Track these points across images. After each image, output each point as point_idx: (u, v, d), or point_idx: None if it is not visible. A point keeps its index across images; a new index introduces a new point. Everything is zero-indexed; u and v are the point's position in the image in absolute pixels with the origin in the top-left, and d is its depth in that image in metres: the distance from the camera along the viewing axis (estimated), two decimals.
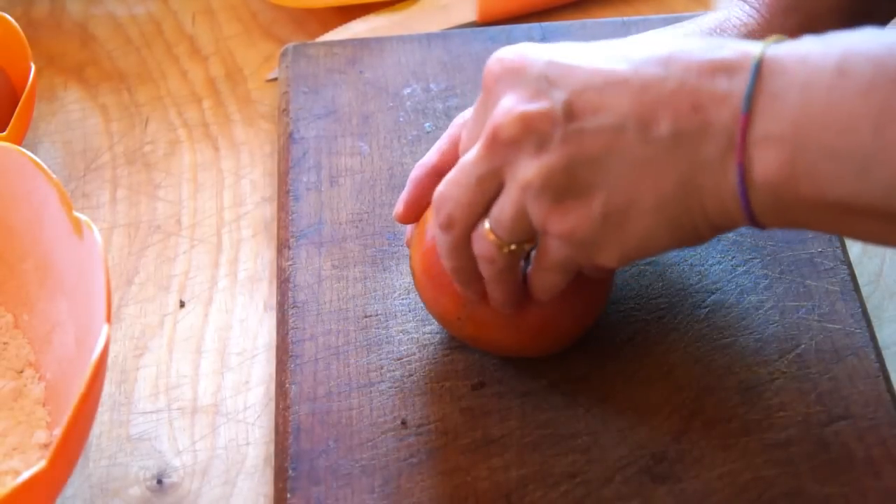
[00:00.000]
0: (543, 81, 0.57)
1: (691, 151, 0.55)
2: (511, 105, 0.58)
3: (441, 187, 0.61)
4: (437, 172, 0.66)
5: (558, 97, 0.57)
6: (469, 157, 0.60)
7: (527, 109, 0.57)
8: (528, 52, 0.59)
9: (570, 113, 0.56)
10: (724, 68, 0.54)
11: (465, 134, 0.62)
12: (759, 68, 0.53)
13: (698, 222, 0.57)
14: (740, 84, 0.53)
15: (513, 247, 0.60)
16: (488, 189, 0.60)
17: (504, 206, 0.59)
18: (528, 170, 0.58)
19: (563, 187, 0.57)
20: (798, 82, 0.52)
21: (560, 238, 0.58)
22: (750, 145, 0.53)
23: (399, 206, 0.68)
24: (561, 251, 0.59)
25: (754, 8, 0.67)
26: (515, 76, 0.58)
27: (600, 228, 0.58)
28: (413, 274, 0.68)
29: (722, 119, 0.54)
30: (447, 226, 0.61)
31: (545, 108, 0.57)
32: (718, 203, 0.55)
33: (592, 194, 0.57)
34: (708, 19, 0.68)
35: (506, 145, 0.58)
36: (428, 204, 0.67)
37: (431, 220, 0.64)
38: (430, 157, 0.67)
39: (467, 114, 0.67)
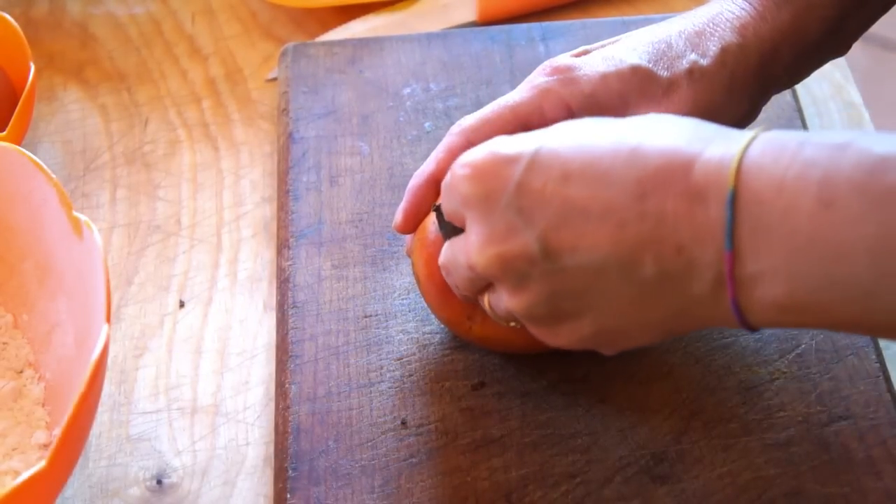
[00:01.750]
0: (515, 214, 0.56)
1: (680, 289, 0.55)
2: (484, 241, 0.57)
3: (444, 259, 0.62)
4: (435, 181, 0.66)
5: (532, 235, 0.56)
6: (459, 264, 0.60)
7: (503, 251, 0.57)
8: (495, 167, 0.57)
9: (547, 252, 0.56)
10: (699, 197, 0.53)
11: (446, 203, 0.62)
12: (734, 200, 0.52)
13: (692, 329, 0.59)
14: (718, 217, 0.52)
15: (512, 324, 0.62)
16: (483, 287, 0.61)
17: (497, 306, 0.61)
18: (511, 301, 0.59)
19: (548, 315, 0.58)
20: (778, 213, 0.51)
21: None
22: (741, 282, 0.53)
23: (398, 216, 0.68)
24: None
25: (747, 1, 0.67)
26: (485, 204, 0.57)
27: (591, 340, 0.59)
28: (417, 279, 0.68)
29: (706, 257, 0.53)
30: (454, 287, 0.63)
31: (521, 247, 0.56)
32: (714, 322, 0.56)
33: (580, 318, 0.58)
34: (700, 14, 0.68)
35: (485, 278, 0.59)
36: (427, 212, 0.67)
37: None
38: (428, 166, 0.67)
39: (464, 121, 0.67)
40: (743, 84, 0.66)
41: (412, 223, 0.68)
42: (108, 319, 0.61)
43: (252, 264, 0.78)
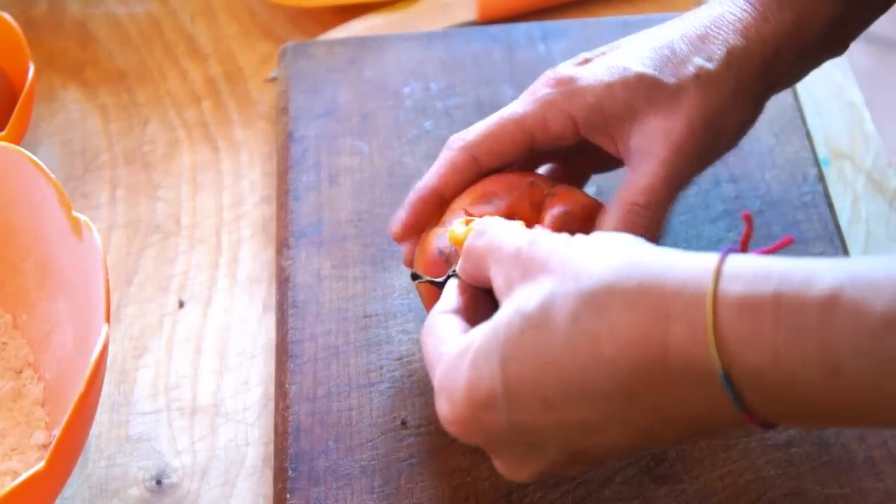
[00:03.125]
0: (524, 448, 0.55)
1: (707, 434, 0.58)
2: (510, 470, 0.57)
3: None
4: (437, 195, 0.67)
5: (552, 452, 0.55)
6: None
7: (532, 472, 0.56)
8: (478, 419, 0.55)
9: (573, 455, 0.55)
10: (689, 384, 0.50)
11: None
12: (728, 378, 0.49)
13: None
14: (719, 395, 0.49)
15: None
16: None
17: None
18: (567, 473, 0.58)
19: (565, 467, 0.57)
20: (781, 380, 0.48)
21: None
22: (765, 420, 0.51)
23: (397, 226, 0.68)
24: None
25: (748, 2, 0.66)
26: (493, 445, 0.56)
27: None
28: (420, 295, 0.67)
29: (723, 418, 0.51)
30: None
31: (548, 465, 0.56)
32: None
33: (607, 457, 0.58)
34: (701, 16, 0.67)
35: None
36: (426, 223, 0.67)
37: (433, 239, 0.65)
38: (430, 181, 0.67)
39: (466, 135, 0.67)
40: (748, 86, 0.65)
41: (410, 235, 0.68)
42: (108, 319, 0.61)
43: (251, 264, 0.78)
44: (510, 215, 0.64)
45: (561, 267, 0.53)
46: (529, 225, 0.63)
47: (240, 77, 0.89)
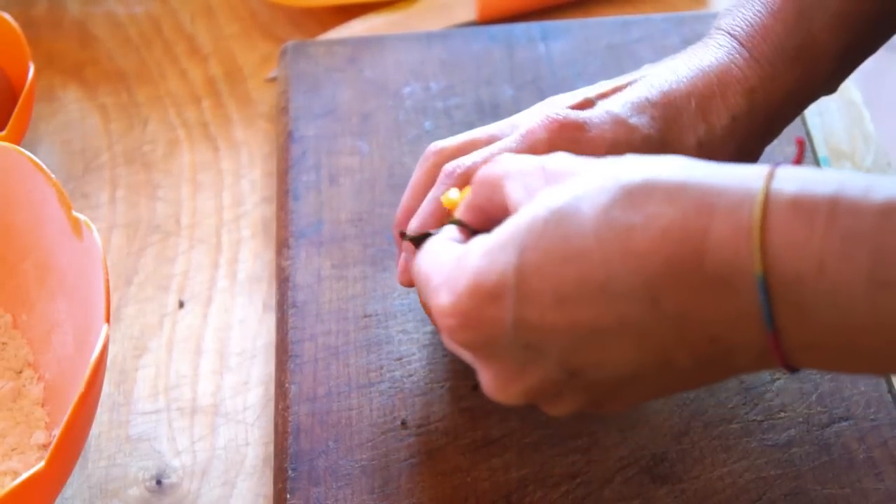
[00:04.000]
0: (523, 350, 0.51)
1: (721, 366, 0.51)
2: (502, 382, 0.53)
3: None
4: (409, 214, 0.64)
5: (550, 364, 0.51)
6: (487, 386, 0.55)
7: (525, 387, 0.52)
8: (482, 311, 0.51)
9: (571, 373, 0.51)
10: (720, 285, 0.47)
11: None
12: (766, 283, 0.46)
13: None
14: (751, 301, 0.47)
15: None
16: None
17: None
18: (550, 411, 0.55)
19: (589, 406, 0.54)
20: (824, 294, 0.45)
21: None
22: (790, 352, 0.48)
23: (402, 275, 0.65)
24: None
25: (753, 57, 0.64)
26: (488, 348, 0.52)
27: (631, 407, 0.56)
28: (421, 300, 0.67)
29: (747, 341, 0.48)
30: None
31: (542, 377, 0.52)
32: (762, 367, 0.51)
33: (622, 401, 0.54)
34: (707, 69, 0.64)
35: (514, 403, 0.54)
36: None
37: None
38: (409, 202, 0.65)
39: (440, 143, 0.65)
40: (748, 148, 0.64)
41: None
42: (108, 319, 0.61)
43: (251, 264, 0.78)
44: None
45: (595, 169, 0.50)
46: None
47: (240, 77, 0.89)
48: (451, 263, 0.52)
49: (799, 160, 0.51)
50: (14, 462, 0.65)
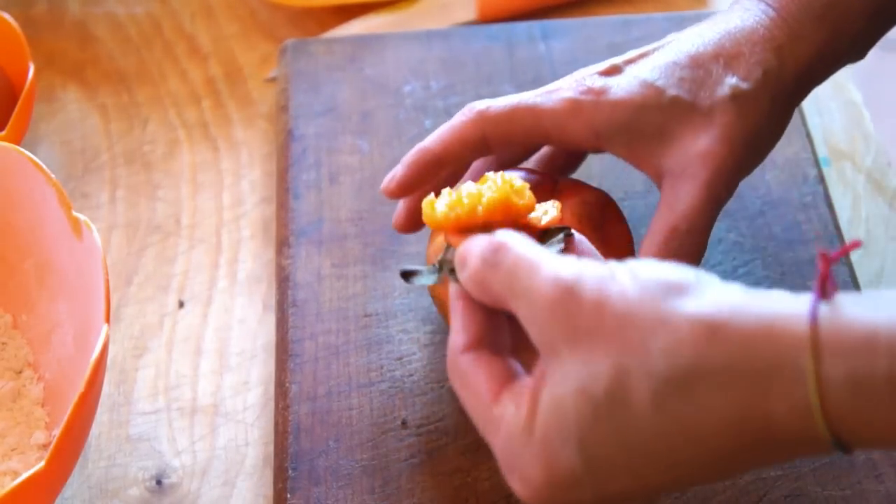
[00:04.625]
0: None
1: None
2: None
3: None
4: (437, 161, 0.65)
5: None
6: None
7: None
8: (567, 495, 0.51)
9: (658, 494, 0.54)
10: (795, 443, 0.48)
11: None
12: (839, 441, 0.47)
13: None
14: (824, 446, 0.47)
15: None
16: None
17: None
18: None
19: None
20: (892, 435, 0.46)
21: None
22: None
23: (391, 182, 0.66)
24: None
25: (780, 16, 0.64)
26: None
27: None
28: (440, 304, 0.67)
29: (819, 453, 0.49)
30: None
31: None
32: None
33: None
34: (733, 30, 0.65)
35: None
36: (421, 188, 0.65)
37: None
38: (433, 144, 0.65)
39: (481, 105, 0.65)
40: (782, 105, 0.64)
41: (402, 194, 0.66)
42: (108, 319, 0.61)
43: (251, 264, 0.78)
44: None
45: (620, 334, 0.49)
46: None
47: (240, 77, 0.89)
48: (512, 436, 0.52)
49: (823, 281, 0.48)
50: (14, 462, 0.65)
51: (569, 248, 0.56)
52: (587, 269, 0.51)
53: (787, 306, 0.47)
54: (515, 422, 0.51)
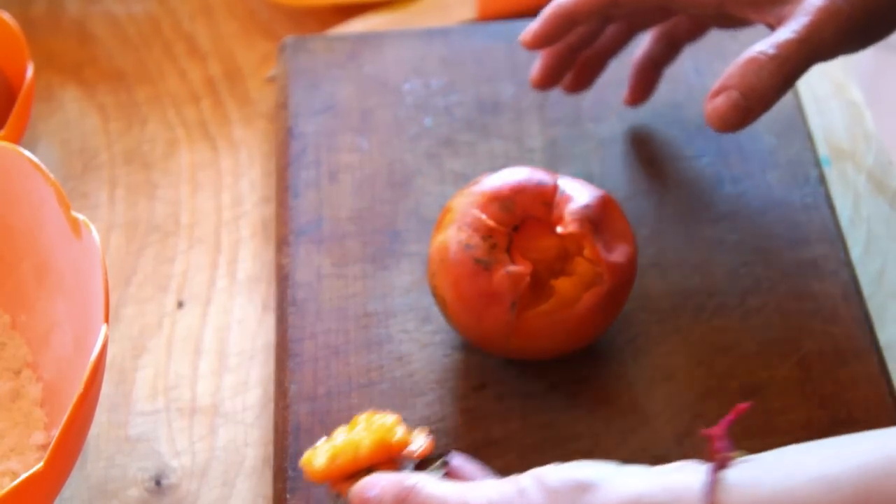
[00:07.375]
0: None
1: None
2: None
3: None
4: (570, 18, 0.70)
5: None
6: None
7: None
8: None
9: None
10: None
11: None
12: None
13: None
14: None
15: None
16: None
17: None
18: None
19: None
20: None
21: None
22: None
23: (527, 35, 0.72)
24: None
25: None
26: None
27: None
28: (442, 302, 0.66)
29: None
30: None
31: None
32: None
33: None
34: None
35: None
36: (555, 39, 0.72)
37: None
38: (568, 2, 0.71)
39: None
40: (848, 28, 0.65)
41: (539, 45, 0.72)
42: (107, 319, 0.61)
43: (251, 264, 0.78)
44: (522, 218, 0.64)
45: None
46: (546, 224, 0.64)
47: (239, 76, 0.89)
48: None
49: (719, 437, 0.56)
50: (13, 463, 0.65)
51: (449, 473, 0.59)
52: (495, 493, 0.54)
53: (684, 487, 0.53)
54: None
